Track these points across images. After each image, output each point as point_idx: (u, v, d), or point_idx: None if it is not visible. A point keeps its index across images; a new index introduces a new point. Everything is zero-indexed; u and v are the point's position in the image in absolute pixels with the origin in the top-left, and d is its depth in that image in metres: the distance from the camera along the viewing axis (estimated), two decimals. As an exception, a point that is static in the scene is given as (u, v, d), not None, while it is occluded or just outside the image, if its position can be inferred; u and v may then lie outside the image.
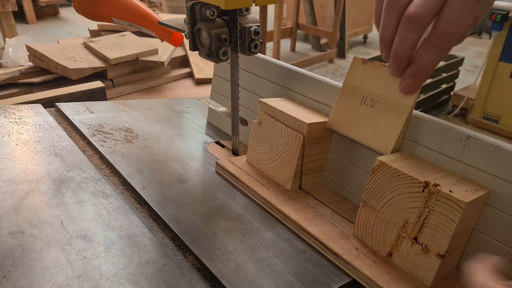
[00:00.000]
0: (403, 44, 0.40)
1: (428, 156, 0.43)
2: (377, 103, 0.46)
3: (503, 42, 2.34)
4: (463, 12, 0.37)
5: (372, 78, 0.46)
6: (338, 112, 0.50)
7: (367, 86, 0.47)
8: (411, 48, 0.40)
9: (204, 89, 1.18)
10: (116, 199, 0.48)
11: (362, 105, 0.47)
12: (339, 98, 0.49)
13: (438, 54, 0.39)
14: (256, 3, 0.50)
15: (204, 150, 0.63)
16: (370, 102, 0.46)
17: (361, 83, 0.47)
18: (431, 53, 0.39)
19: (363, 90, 0.47)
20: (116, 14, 0.63)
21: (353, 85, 0.48)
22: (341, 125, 0.49)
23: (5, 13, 2.48)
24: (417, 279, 0.40)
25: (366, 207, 0.43)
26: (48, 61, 1.06)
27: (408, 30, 0.39)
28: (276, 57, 3.24)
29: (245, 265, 0.40)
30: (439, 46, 0.39)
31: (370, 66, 0.47)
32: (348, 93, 0.49)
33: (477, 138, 0.39)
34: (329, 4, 3.96)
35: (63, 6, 4.92)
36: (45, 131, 0.62)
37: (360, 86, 0.47)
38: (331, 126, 0.50)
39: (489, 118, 2.54)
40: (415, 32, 0.39)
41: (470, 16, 0.37)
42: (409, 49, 0.40)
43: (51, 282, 0.35)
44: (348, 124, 0.48)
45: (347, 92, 0.49)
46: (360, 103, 0.47)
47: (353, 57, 0.49)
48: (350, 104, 0.48)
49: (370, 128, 0.46)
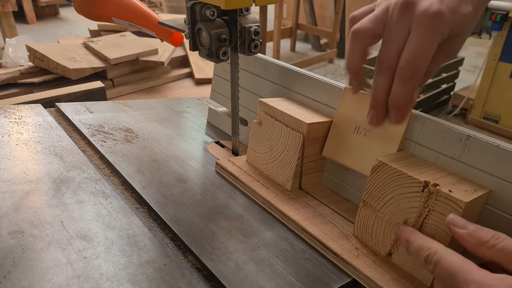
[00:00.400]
0: (377, 89, 0.43)
1: (428, 156, 0.43)
2: (370, 132, 0.47)
3: (503, 42, 2.34)
4: (421, 44, 0.39)
5: (363, 107, 0.47)
6: (333, 141, 0.51)
7: (359, 116, 0.48)
8: (386, 91, 0.43)
9: (204, 89, 1.18)
10: (116, 199, 0.48)
11: (355, 134, 0.49)
12: (333, 127, 0.51)
13: (407, 86, 0.41)
14: (256, 3, 0.50)
15: (204, 150, 0.63)
16: (363, 131, 0.48)
17: (353, 113, 0.49)
18: (400, 86, 0.41)
19: (355, 120, 0.49)
20: (116, 14, 0.63)
21: (344, 115, 0.50)
22: (336, 154, 0.51)
23: (5, 13, 2.48)
24: (417, 279, 0.40)
25: (366, 207, 0.43)
26: (48, 61, 1.06)
27: (380, 76, 0.42)
28: (276, 57, 3.24)
29: (245, 265, 0.40)
30: (405, 78, 0.40)
31: (361, 96, 0.48)
32: (341, 122, 0.50)
33: (477, 138, 0.39)
34: (329, 4, 3.96)
35: (63, 6, 4.92)
36: (45, 131, 0.62)
37: (352, 115, 0.49)
38: (327, 155, 0.52)
39: (489, 118, 2.54)
40: (385, 77, 0.42)
41: (429, 48, 0.39)
42: (384, 93, 0.43)
43: (51, 282, 0.35)
44: (342, 152, 0.50)
45: (340, 121, 0.50)
46: (353, 132, 0.49)
47: (344, 87, 0.50)
48: (344, 133, 0.50)
49: (364, 156, 0.48)
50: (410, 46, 0.39)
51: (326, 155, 0.52)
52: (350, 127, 0.49)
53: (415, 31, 0.39)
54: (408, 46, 0.40)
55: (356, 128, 0.48)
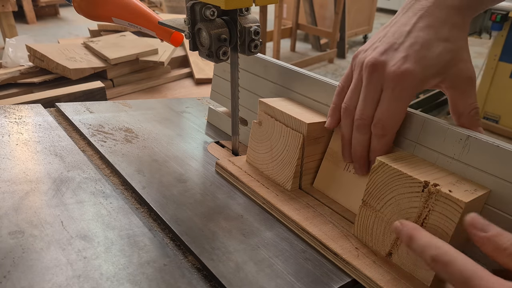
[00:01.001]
0: (356, 146, 0.46)
1: (428, 156, 0.43)
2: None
3: (503, 42, 2.34)
4: (391, 104, 0.41)
5: None
6: (324, 174, 0.53)
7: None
8: (365, 147, 0.45)
9: (204, 89, 1.18)
10: (116, 199, 0.48)
11: (345, 171, 0.50)
12: (324, 161, 0.52)
13: (382, 141, 0.44)
14: (256, 3, 0.50)
15: (204, 150, 0.63)
16: (353, 169, 0.49)
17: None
18: (376, 141, 0.44)
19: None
20: (116, 14, 0.63)
21: (336, 151, 0.51)
22: (326, 188, 0.52)
23: (5, 13, 2.48)
24: (417, 279, 0.40)
25: (366, 207, 0.43)
26: (48, 61, 1.06)
27: (358, 133, 0.45)
28: (276, 57, 3.24)
29: (245, 265, 0.40)
30: (379, 135, 0.43)
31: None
32: (332, 158, 0.52)
33: (477, 138, 0.39)
34: (329, 4, 3.96)
35: (63, 6, 4.92)
36: (45, 131, 0.62)
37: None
38: (317, 187, 0.53)
39: (489, 118, 2.54)
40: (364, 134, 0.44)
41: (400, 108, 0.42)
42: (365, 148, 0.46)
43: (51, 282, 0.35)
44: (332, 187, 0.52)
45: (332, 157, 0.52)
46: (344, 169, 0.50)
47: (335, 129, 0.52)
48: (334, 169, 0.51)
49: (352, 193, 0.49)
50: (381, 107, 0.42)
51: (316, 187, 0.54)
52: (341, 164, 0.51)
53: (385, 91, 0.42)
54: (380, 106, 0.42)
55: (346, 166, 0.50)
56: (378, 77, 0.42)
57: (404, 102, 0.42)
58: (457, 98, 0.43)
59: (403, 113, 0.43)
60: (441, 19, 0.41)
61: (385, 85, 0.41)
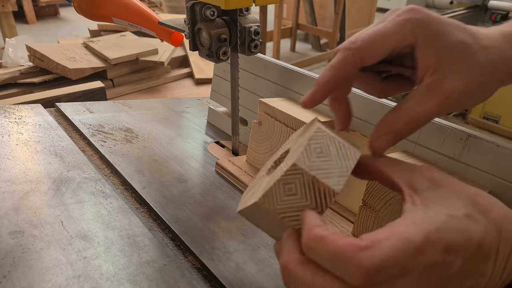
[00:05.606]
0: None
1: (428, 156, 0.43)
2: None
3: (503, 42, 2.33)
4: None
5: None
6: None
7: None
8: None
9: (204, 89, 1.18)
10: (116, 199, 0.48)
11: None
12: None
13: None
14: (256, 3, 0.50)
15: (204, 150, 0.63)
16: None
17: None
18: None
19: None
20: (116, 14, 0.63)
21: None
22: None
23: (5, 13, 2.48)
24: (417, 279, 0.40)
25: (366, 207, 0.43)
26: (48, 61, 1.06)
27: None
28: (276, 57, 3.24)
29: (245, 265, 0.40)
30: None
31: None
32: None
33: (477, 138, 0.39)
34: (329, 4, 3.96)
35: (63, 6, 4.91)
36: (45, 131, 0.62)
37: None
38: None
39: (489, 118, 2.54)
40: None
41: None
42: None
43: (51, 282, 0.35)
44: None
45: None
46: None
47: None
48: None
49: (352, 193, 0.50)
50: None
51: None
52: None
53: None
54: None
55: None
56: None
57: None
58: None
59: None
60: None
61: None
